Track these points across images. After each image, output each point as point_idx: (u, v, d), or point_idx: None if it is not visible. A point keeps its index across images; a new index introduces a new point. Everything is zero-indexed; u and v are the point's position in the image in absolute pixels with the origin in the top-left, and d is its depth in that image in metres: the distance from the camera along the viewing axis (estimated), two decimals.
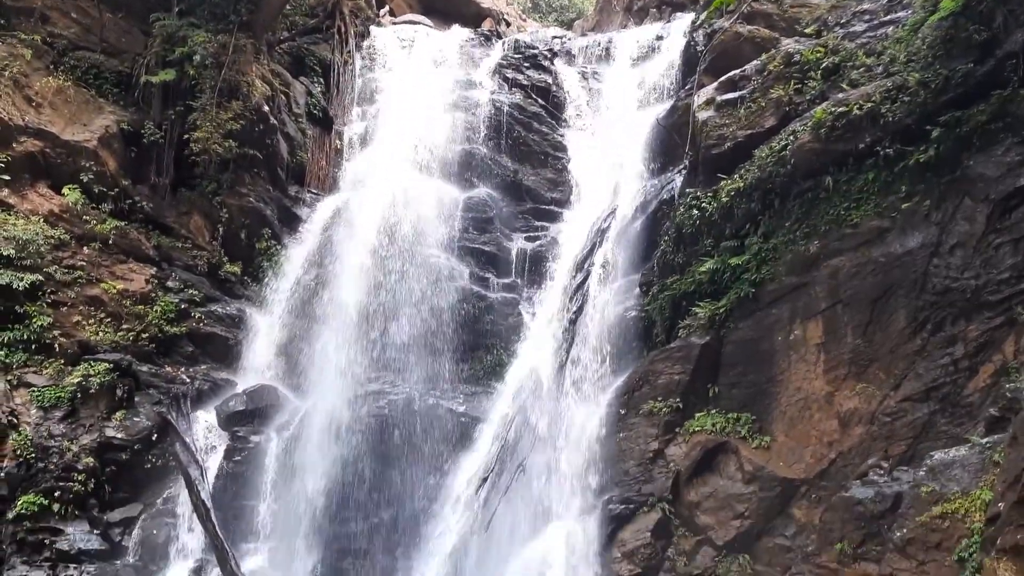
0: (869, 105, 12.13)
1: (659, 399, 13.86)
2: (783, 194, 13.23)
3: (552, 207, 19.25)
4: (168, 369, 15.35)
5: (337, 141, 20.30)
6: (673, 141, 16.84)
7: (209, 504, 13.53)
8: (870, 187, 12.23)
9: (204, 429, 14.89)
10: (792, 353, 12.67)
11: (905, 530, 9.36)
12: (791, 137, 13.13)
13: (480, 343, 16.86)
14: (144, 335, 15.29)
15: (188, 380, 15.35)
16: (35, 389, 13.82)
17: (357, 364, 16.15)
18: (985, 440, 9.77)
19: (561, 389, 15.20)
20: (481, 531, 13.72)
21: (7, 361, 13.88)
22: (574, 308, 15.83)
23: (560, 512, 13.97)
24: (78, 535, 13.31)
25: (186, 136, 16.86)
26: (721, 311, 13.54)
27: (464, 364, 16.76)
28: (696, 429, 13.32)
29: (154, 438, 14.33)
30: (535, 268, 17.87)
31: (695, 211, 14.29)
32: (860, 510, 9.94)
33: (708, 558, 12.60)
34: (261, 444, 14.98)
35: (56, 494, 13.20)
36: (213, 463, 14.57)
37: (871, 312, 11.83)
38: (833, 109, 12.51)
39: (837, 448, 11.77)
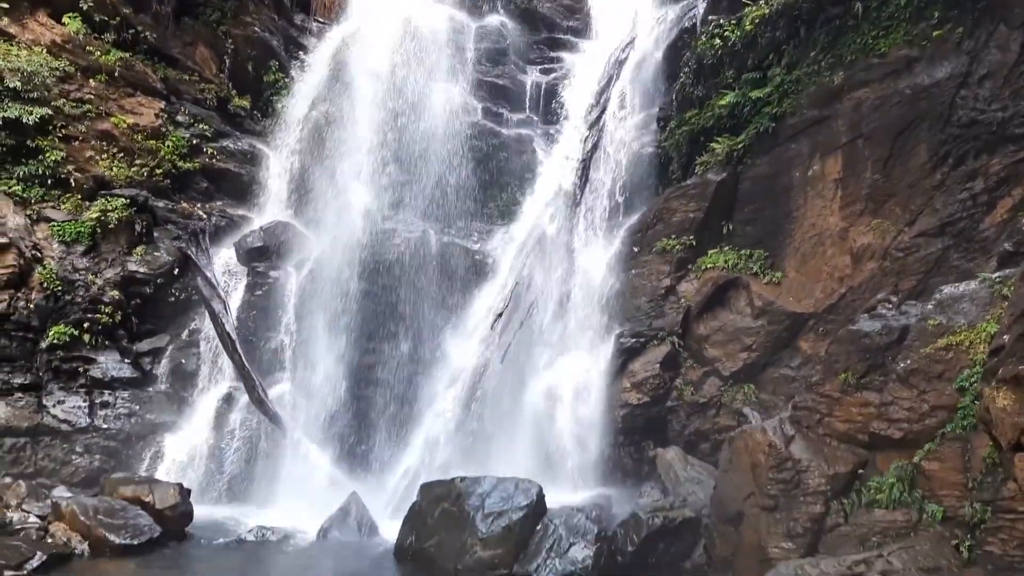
0: None
1: (673, 237, 13.94)
2: (810, 21, 12.67)
3: (568, 36, 18.56)
4: (184, 205, 15.47)
5: None
6: None
7: (234, 336, 14.03)
8: (901, 13, 11.65)
9: (223, 264, 15.16)
10: (809, 189, 12.56)
11: (909, 361, 9.59)
12: None
13: (494, 181, 16.79)
14: (158, 170, 15.29)
15: (204, 216, 15.49)
16: (55, 224, 14.02)
17: (371, 201, 16.18)
18: (996, 275, 9.82)
19: (575, 227, 15.26)
20: (496, 363, 14.23)
21: (25, 196, 13.99)
22: (589, 145, 15.61)
23: (572, 346, 14.41)
24: (110, 364, 13.92)
25: None
26: (739, 147, 13.33)
27: (478, 203, 16.78)
28: (709, 266, 13.46)
29: (175, 272, 14.65)
30: (550, 102, 17.48)
31: (717, 40, 13.75)
32: (866, 342, 10.15)
33: (714, 388, 13.09)
34: (280, 279, 15.30)
35: (85, 325, 13.67)
36: (235, 297, 14.96)
37: (892, 146, 11.59)
38: None
39: (848, 283, 11.92)
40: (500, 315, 14.51)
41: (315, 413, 14.61)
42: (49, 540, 10.94)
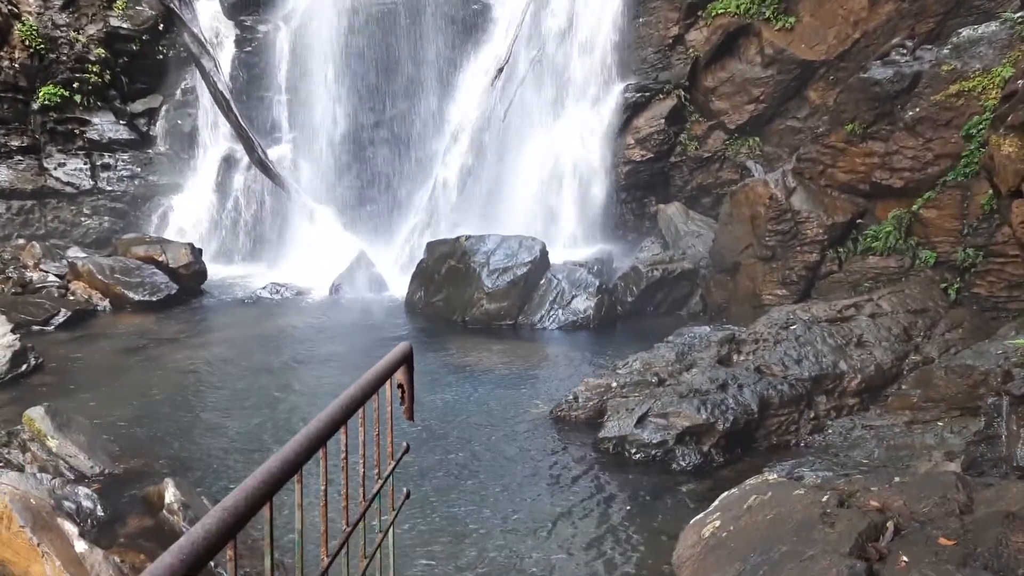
0: None
1: None
2: None
3: None
4: None
5: None
6: None
7: (228, 95, 13.68)
8: None
9: (210, 19, 14.44)
10: None
11: (918, 109, 9.38)
12: None
13: None
14: None
15: None
16: None
17: None
18: (1018, 15, 9.33)
19: None
20: (498, 121, 13.98)
21: None
22: None
23: (575, 101, 14.06)
24: (106, 125, 13.72)
25: None
26: None
27: None
28: (720, 11, 12.78)
29: (160, 27, 14.00)
30: None
31: None
32: (876, 91, 9.87)
33: (719, 142, 12.95)
34: (270, 34, 14.64)
35: (75, 85, 13.31)
36: (226, 56, 14.40)
37: None
38: None
39: (862, 27, 11.38)
40: (501, 70, 14.03)
41: (318, 174, 14.61)
42: (71, 298, 11.39)
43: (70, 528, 4.87)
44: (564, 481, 6.43)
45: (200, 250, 12.71)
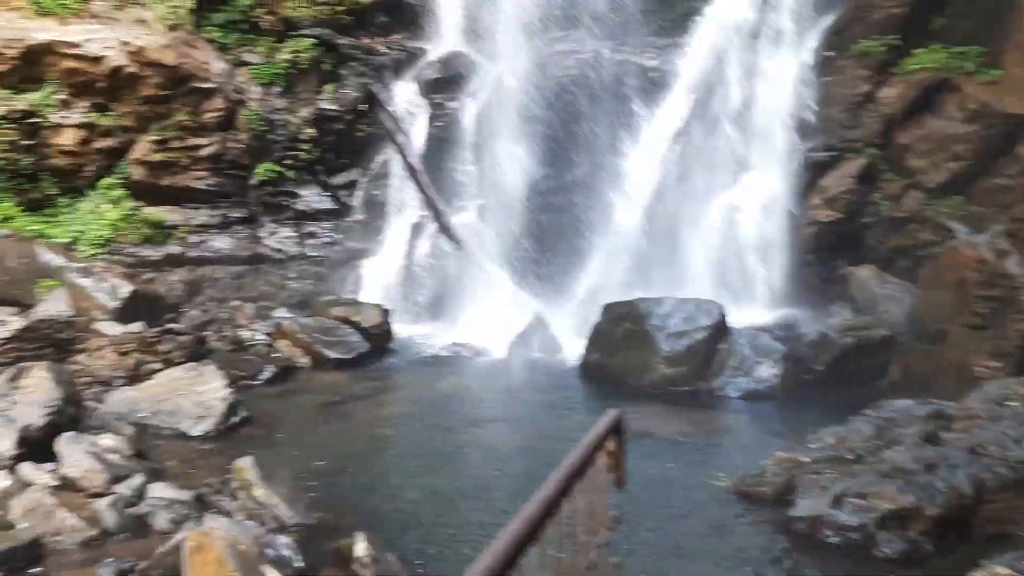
0: None
1: (873, 37, 12.62)
2: None
3: None
4: (365, 41, 15.75)
5: None
6: None
7: (418, 167, 14.58)
8: None
9: (404, 97, 15.53)
10: None
11: None
12: None
13: None
14: (340, 7, 15.52)
15: (385, 51, 15.75)
16: (252, 67, 14.78)
17: (542, 22, 15.73)
18: None
19: (760, 34, 14.15)
20: (675, 182, 13.93)
21: (224, 41, 14.77)
22: None
23: (757, 162, 13.78)
24: (312, 197, 14.98)
25: None
26: None
27: (653, 14, 15.85)
28: (914, 67, 12.19)
29: (361, 108, 15.19)
30: None
31: None
32: None
33: (915, 201, 12.21)
34: (458, 110, 15.50)
35: (287, 162, 14.67)
36: (418, 129, 15.39)
37: None
38: None
39: None
40: (679, 132, 14.04)
41: (498, 238, 15.11)
42: (276, 355, 12.35)
43: None
44: (754, 562, 6.11)
45: (389, 311, 13.43)
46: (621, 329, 11.68)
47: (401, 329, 13.71)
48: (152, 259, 13.52)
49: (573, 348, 12.69)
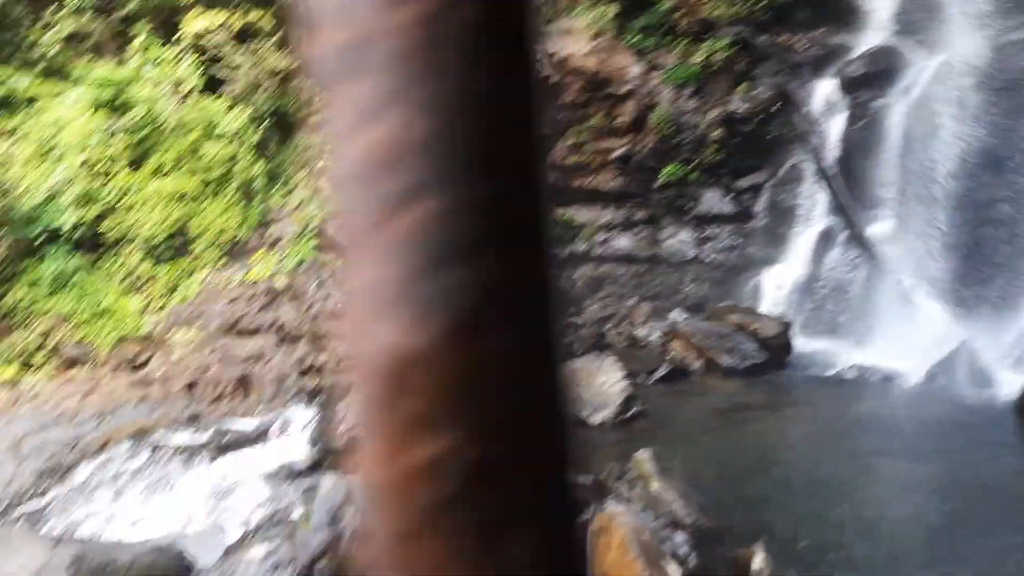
0: None
1: None
2: None
3: None
4: (784, 38, 15.16)
5: None
6: None
7: (834, 171, 13.64)
8: None
9: (823, 96, 14.66)
10: None
11: None
12: None
13: None
14: (759, 5, 15.14)
15: (804, 48, 15.01)
16: (666, 70, 15.09)
17: (993, 9, 13.71)
18: None
19: None
20: None
21: (641, 47, 15.28)
22: None
23: None
24: (713, 200, 14.86)
25: None
26: None
27: None
28: None
29: (773, 109, 14.66)
30: None
31: None
32: None
33: None
34: (883, 110, 14.19)
35: (691, 164, 14.73)
36: (835, 130, 14.44)
37: None
38: None
39: None
40: None
41: (920, 252, 13.52)
42: (669, 355, 12.46)
43: (673, 570, 5.15)
44: None
45: (789, 323, 12.77)
46: None
47: (800, 343, 12.97)
48: (559, 257, 14.55)
49: (1009, 384, 10.89)
